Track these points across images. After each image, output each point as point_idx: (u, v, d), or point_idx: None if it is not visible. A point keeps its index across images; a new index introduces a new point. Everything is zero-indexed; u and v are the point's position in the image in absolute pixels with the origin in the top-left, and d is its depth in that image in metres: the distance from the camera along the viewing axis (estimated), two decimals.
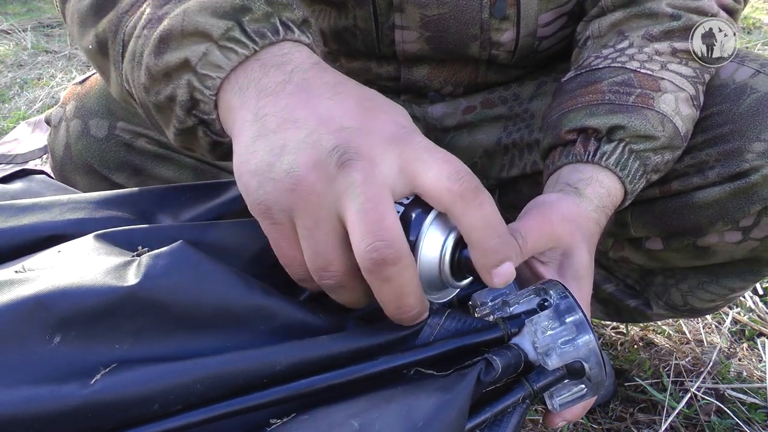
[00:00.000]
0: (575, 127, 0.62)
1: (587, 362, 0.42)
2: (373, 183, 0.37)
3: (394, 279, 0.37)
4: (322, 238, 0.38)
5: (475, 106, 0.82)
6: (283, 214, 0.38)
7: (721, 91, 0.68)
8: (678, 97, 0.63)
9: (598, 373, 0.42)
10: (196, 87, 0.42)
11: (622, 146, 0.60)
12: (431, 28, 0.72)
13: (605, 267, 0.85)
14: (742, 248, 0.70)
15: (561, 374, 0.42)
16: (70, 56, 2.85)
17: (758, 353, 1.06)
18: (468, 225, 0.39)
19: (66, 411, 0.33)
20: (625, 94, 0.62)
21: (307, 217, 0.38)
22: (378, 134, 0.39)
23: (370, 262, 0.37)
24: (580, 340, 0.42)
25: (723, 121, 0.66)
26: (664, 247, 0.74)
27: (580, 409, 0.47)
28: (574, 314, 0.42)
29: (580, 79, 0.66)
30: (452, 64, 0.78)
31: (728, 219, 0.67)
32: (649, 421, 0.93)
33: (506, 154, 0.82)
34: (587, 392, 0.44)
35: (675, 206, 0.70)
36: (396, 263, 0.37)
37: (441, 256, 0.40)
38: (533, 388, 0.41)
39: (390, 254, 0.36)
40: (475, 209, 0.38)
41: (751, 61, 0.69)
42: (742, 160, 0.65)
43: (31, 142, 1.85)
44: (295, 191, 0.37)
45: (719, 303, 0.81)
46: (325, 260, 0.39)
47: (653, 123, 0.61)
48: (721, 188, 0.66)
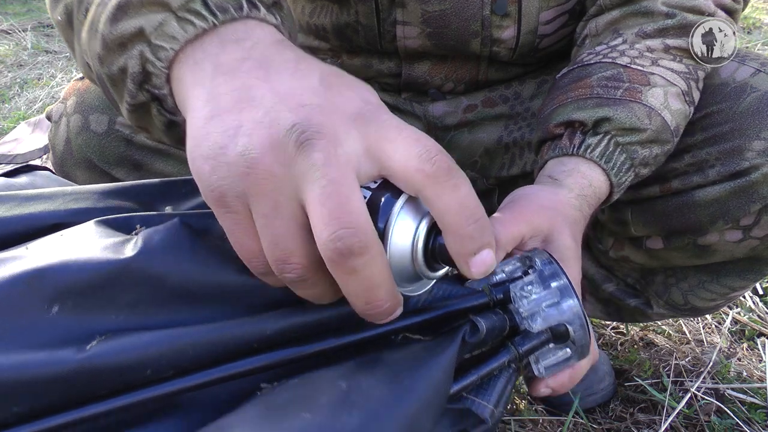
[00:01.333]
0: (562, 121, 0.63)
1: (571, 325, 0.43)
2: (336, 164, 0.33)
3: (361, 271, 0.33)
4: (282, 227, 0.34)
5: (476, 104, 0.82)
6: (238, 201, 0.35)
7: (722, 89, 0.68)
8: (668, 91, 0.63)
9: (582, 336, 0.43)
10: (148, 58, 0.39)
11: (608, 139, 0.61)
12: (432, 24, 0.73)
13: (605, 267, 0.85)
14: (742, 247, 0.70)
15: (546, 337, 0.43)
16: (70, 56, 2.85)
17: (758, 353, 1.06)
18: (442, 209, 0.35)
19: (61, 375, 0.34)
20: (613, 88, 0.63)
21: (264, 203, 0.34)
22: (342, 111, 0.35)
23: (334, 252, 0.32)
24: (564, 304, 0.43)
25: (723, 120, 0.66)
26: (665, 246, 0.74)
27: (567, 379, 0.47)
28: (559, 279, 0.43)
29: (571, 75, 0.67)
30: (453, 61, 0.78)
31: (728, 217, 0.67)
32: (649, 421, 0.93)
33: (507, 153, 0.82)
34: (572, 356, 0.45)
35: (675, 205, 0.70)
36: (363, 253, 0.33)
37: (413, 244, 0.36)
38: (518, 351, 0.42)
39: (356, 243, 0.32)
40: (449, 192, 0.34)
41: (751, 60, 0.69)
42: (742, 158, 0.65)
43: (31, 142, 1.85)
44: (251, 175, 0.34)
45: (720, 302, 0.81)
46: (284, 251, 0.34)
47: (639, 115, 0.61)
48: (721, 187, 0.66)
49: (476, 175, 0.85)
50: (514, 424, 0.92)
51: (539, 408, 0.96)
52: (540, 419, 0.93)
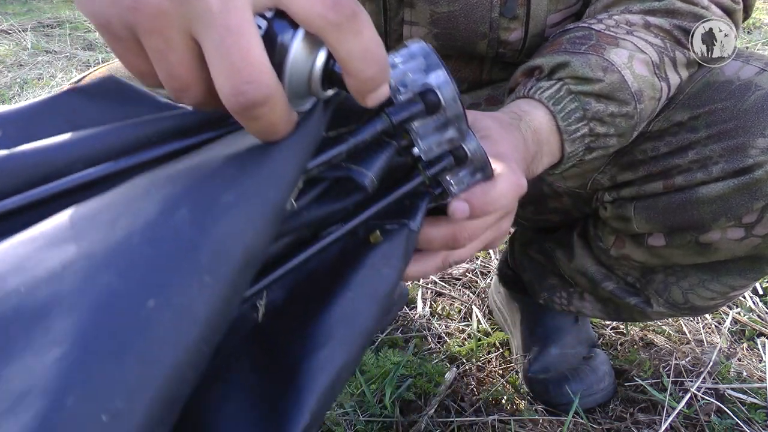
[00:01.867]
0: (524, 69, 0.64)
1: (442, 93, 0.43)
2: (234, 8, 0.32)
3: (263, 117, 0.34)
4: (176, 60, 0.34)
5: (479, 103, 0.82)
6: (126, 31, 0.34)
7: (726, 87, 0.68)
8: (634, 56, 0.63)
9: (454, 107, 0.44)
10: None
11: (560, 84, 0.62)
12: (440, 25, 0.73)
13: (606, 265, 0.85)
14: (744, 245, 0.70)
15: (418, 108, 0.43)
16: (70, 56, 2.85)
17: (758, 353, 1.06)
18: (345, 54, 0.34)
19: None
20: (579, 44, 0.64)
21: (155, 39, 0.33)
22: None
23: (237, 105, 0.33)
24: (433, 74, 0.43)
25: (727, 117, 0.66)
26: (667, 243, 0.74)
27: (480, 192, 0.49)
28: (428, 55, 0.44)
29: (550, 40, 0.69)
30: (457, 61, 0.78)
31: (731, 215, 0.67)
32: (649, 421, 0.93)
33: None
34: (449, 129, 0.45)
35: (678, 201, 0.70)
36: (265, 104, 0.33)
37: (310, 76, 0.36)
38: (391, 120, 0.43)
39: (258, 96, 0.32)
40: (352, 37, 0.34)
41: (756, 59, 0.69)
42: (746, 155, 0.65)
43: None
44: (138, 11, 0.33)
45: (720, 301, 0.81)
46: (182, 83, 0.35)
47: (594, 67, 0.62)
48: (724, 184, 0.66)
49: None
50: (514, 424, 0.92)
51: (539, 408, 0.96)
52: (540, 419, 0.93)
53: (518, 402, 0.97)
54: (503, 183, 0.50)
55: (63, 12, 3.63)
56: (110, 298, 0.27)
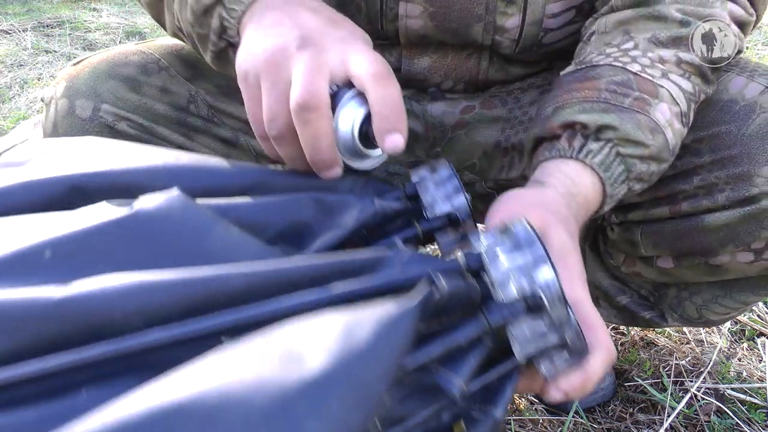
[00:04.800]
0: (565, 122, 0.61)
1: (546, 295, 0.40)
2: (317, 60, 0.50)
3: (311, 123, 0.49)
4: (275, 96, 0.51)
5: (474, 105, 0.81)
6: (254, 78, 0.52)
7: (730, 107, 0.67)
8: (672, 109, 0.62)
9: (559, 311, 0.40)
10: (224, 17, 0.58)
11: (610, 147, 0.59)
12: (436, 3, 0.72)
13: (618, 279, 0.84)
14: (755, 267, 0.70)
15: (519, 308, 0.40)
16: (70, 56, 2.85)
17: (758, 353, 1.06)
18: (373, 98, 0.49)
19: (41, 312, 0.35)
20: (621, 95, 0.61)
21: (268, 80, 0.51)
22: (333, 36, 0.53)
23: (295, 105, 0.48)
24: (539, 272, 0.40)
25: (732, 142, 0.65)
26: (675, 265, 0.74)
27: (578, 381, 0.45)
28: (535, 247, 0.41)
29: (578, 74, 0.65)
30: (454, 57, 0.77)
31: (739, 242, 0.67)
32: (649, 421, 0.93)
33: (506, 156, 0.82)
34: (551, 333, 0.42)
35: (685, 228, 0.69)
36: (314, 110, 0.48)
37: (353, 123, 0.51)
38: (489, 323, 0.40)
39: (311, 101, 0.48)
40: (382, 87, 0.50)
41: (760, 76, 0.68)
42: (751, 184, 0.64)
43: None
44: (265, 62, 0.51)
45: (734, 314, 0.81)
46: (273, 113, 0.51)
47: (643, 129, 0.60)
48: (731, 213, 0.65)
49: (475, 178, 0.84)
50: (514, 424, 0.92)
51: (539, 408, 0.96)
52: (540, 419, 0.93)
53: (518, 402, 0.97)
54: (598, 363, 0.46)
55: (63, 12, 3.63)
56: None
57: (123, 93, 0.73)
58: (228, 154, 0.79)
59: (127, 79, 0.74)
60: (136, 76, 0.74)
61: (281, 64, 0.51)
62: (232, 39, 0.59)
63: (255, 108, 0.53)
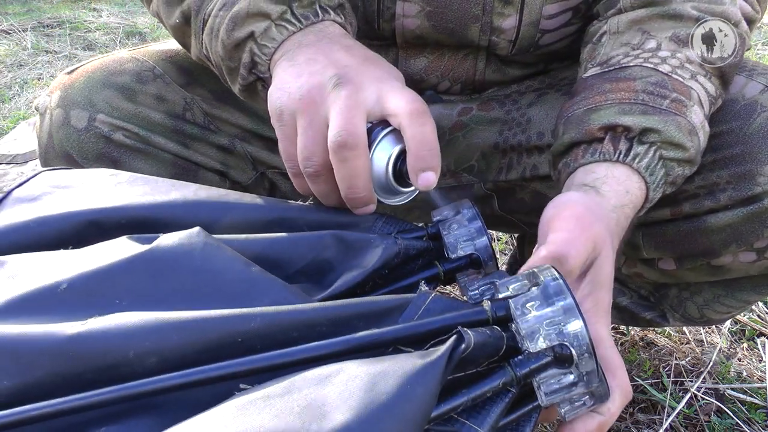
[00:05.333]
0: (606, 124, 0.59)
1: (575, 347, 0.39)
2: (354, 99, 0.51)
3: (349, 161, 0.50)
4: (311, 135, 0.52)
5: (471, 107, 0.81)
6: (290, 117, 0.53)
7: (731, 107, 0.66)
8: (702, 112, 0.61)
9: (588, 362, 0.40)
10: (255, 53, 0.59)
11: (654, 150, 0.58)
12: (433, 3, 0.71)
13: (618, 280, 0.84)
14: (757, 266, 0.69)
15: (547, 360, 0.40)
16: (70, 56, 2.85)
17: (758, 353, 1.06)
18: (409, 135, 0.51)
19: (52, 348, 0.35)
20: (659, 97, 0.60)
21: (304, 118, 0.52)
22: (369, 74, 0.54)
23: (334, 144, 0.50)
24: (569, 324, 0.40)
25: (733, 141, 0.65)
26: (677, 267, 0.73)
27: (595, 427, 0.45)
28: (564, 298, 0.40)
29: (607, 76, 0.63)
30: (451, 57, 0.77)
31: (742, 242, 0.66)
32: (649, 421, 0.93)
33: (504, 157, 0.81)
34: (577, 383, 0.42)
35: (687, 230, 0.69)
36: (352, 148, 0.50)
37: (388, 160, 0.52)
38: (515, 374, 0.39)
39: (349, 140, 0.50)
40: (418, 125, 0.51)
41: (759, 75, 0.68)
42: (754, 183, 0.64)
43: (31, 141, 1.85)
44: (301, 100, 0.52)
45: (735, 313, 0.81)
46: (310, 152, 0.52)
47: (683, 131, 0.59)
48: (733, 212, 0.65)
49: (473, 179, 0.83)
50: None
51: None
52: None
53: None
54: (617, 407, 0.46)
55: (63, 12, 3.63)
56: None
57: (118, 102, 0.72)
58: (225, 161, 0.78)
59: (122, 88, 0.73)
60: (131, 85, 0.73)
61: (318, 102, 0.52)
62: (263, 74, 0.59)
63: (289, 146, 0.54)
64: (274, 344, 0.37)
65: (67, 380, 0.34)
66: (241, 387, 0.35)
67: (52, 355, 0.34)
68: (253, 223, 0.50)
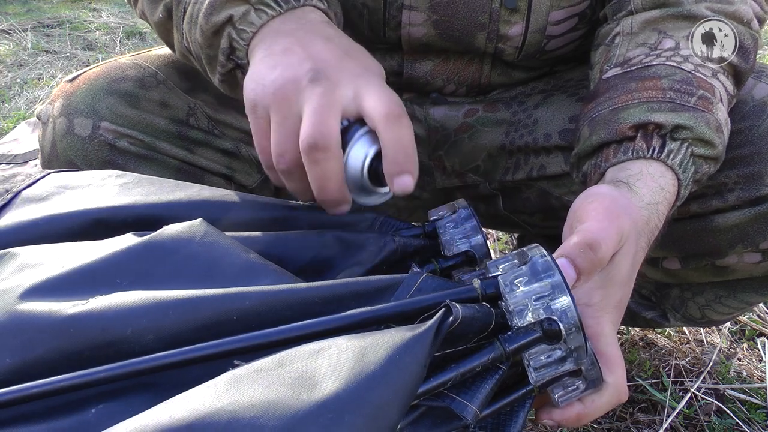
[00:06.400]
0: (637, 122, 0.58)
1: (563, 323, 0.40)
2: (329, 98, 0.49)
3: (320, 163, 0.48)
4: (284, 131, 0.50)
5: (477, 109, 0.81)
6: (263, 110, 0.51)
7: (740, 108, 0.66)
8: (726, 109, 0.61)
9: (576, 337, 0.41)
10: (234, 38, 0.57)
11: (686, 147, 0.58)
12: (439, 12, 0.71)
13: None
14: (761, 268, 0.70)
15: (536, 336, 0.40)
16: (70, 56, 2.85)
17: (758, 353, 1.06)
18: (385, 139, 0.49)
19: (53, 326, 0.36)
20: (686, 94, 0.59)
21: (278, 113, 0.50)
22: (347, 71, 0.52)
23: (305, 145, 0.48)
24: (557, 300, 0.40)
25: (742, 142, 0.65)
26: (682, 266, 0.73)
27: (574, 415, 0.46)
28: (552, 274, 0.41)
29: (631, 75, 0.62)
30: (456, 61, 0.77)
31: (748, 242, 0.67)
32: (649, 421, 0.93)
33: (511, 158, 0.81)
34: (567, 361, 0.42)
35: (694, 229, 0.69)
36: (324, 150, 0.48)
37: (363, 161, 0.51)
38: (504, 349, 0.40)
39: (321, 141, 0.48)
40: (394, 129, 0.49)
41: (767, 76, 0.68)
42: (762, 184, 0.64)
43: (31, 142, 1.85)
44: (274, 95, 0.50)
45: (736, 314, 0.81)
46: (282, 148, 0.50)
47: (713, 128, 0.58)
48: (741, 213, 0.65)
49: (479, 180, 0.83)
50: None
51: None
52: None
53: None
54: (603, 401, 0.47)
55: (63, 12, 3.63)
56: None
57: (122, 109, 0.71)
58: (230, 165, 0.78)
59: (126, 95, 0.72)
60: (134, 91, 0.72)
61: (291, 98, 0.50)
62: (241, 60, 0.57)
63: (263, 140, 0.52)
64: (268, 322, 0.37)
65: (66, 357, 0.35)
66: (236, 363, 0.36)
67: (52, 332, 0.35)
68: (256, 222, 0.50)
